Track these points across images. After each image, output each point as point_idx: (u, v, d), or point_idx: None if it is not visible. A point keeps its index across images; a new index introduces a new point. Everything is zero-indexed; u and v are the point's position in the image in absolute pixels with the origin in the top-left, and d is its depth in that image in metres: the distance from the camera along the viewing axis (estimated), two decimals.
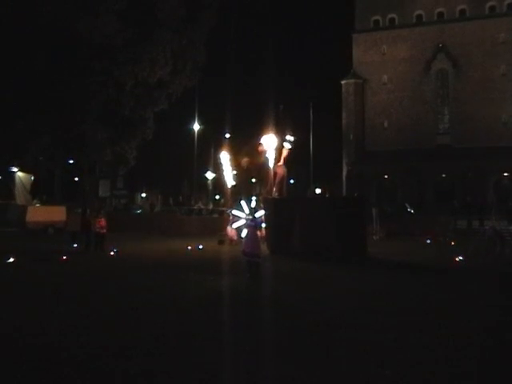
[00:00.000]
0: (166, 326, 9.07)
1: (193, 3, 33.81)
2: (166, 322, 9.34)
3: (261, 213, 15.92)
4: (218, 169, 33.09)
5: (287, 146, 23.43)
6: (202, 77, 36.27)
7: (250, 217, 15.10)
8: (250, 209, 15.24)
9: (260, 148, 23.29)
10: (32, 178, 44.52)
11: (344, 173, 60.05)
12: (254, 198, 16.57)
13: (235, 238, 23.67)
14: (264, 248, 19.07)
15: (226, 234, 24.89)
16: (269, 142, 22.41)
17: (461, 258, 18.55)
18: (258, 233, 14.94)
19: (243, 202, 15.44)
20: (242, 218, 15.37)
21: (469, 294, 12.34)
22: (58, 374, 6.59)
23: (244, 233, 15.20)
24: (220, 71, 40.41)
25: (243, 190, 37.77)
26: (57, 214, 33.42)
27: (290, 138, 23.83)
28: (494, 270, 16.69)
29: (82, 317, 9.64)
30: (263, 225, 16.13)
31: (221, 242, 25.48)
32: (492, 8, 56.44)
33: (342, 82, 60.72)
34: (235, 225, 16.45)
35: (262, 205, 20.86)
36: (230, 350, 7.65)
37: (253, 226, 14.90)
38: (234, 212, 16.09)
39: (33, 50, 28.51)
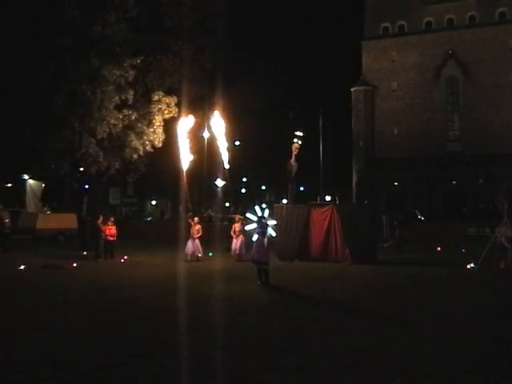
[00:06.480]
0: (177, 333, 9.04)
1: (202, 11, 33.98)
2: (177, 329, 9.31)
3: (272, 222, 15.88)
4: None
5: (297, 141, 23.45)
6: (212, 83, 36.32)
7: (260, 221, 15.05)
8: (261, 216, 15.15)
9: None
10: (43, 185, 44.75)
11: (354, 180, 59.90)
12: (264, 206, 16.45)
13: (200, 253, 21.54)
14: (273, 255, 19.07)
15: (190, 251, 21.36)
16: (216, 123, 20.55)
17: (472, 265, 18.42)
18: (266, 240, 14.93)
19: (257, 207, 15.38)
20: (254, 221, 15.29)
21: (479, 301, 12.23)
22: (64, 381, 6.59)
23: (254, 237, 15.16)
24: (229, 78, 40.44)
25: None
26: (67, 221, 33.59)
27: (299, 133, 23.82)
28: (507, 277, 16.57)
29: (90, 324, 9.64)
30: (273, 234, 16.07)
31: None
32: (502, 14, 56.26)
33: (352, 90, 60.65)
34: (248, 227, 16.38)
35: (273, 213, 20.72)
36: (239, 356, 7.61)
37: (261, 233, 14.88)
38: (248, 215, 16.02)
39: (42, 58, 28.73)
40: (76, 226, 33.02)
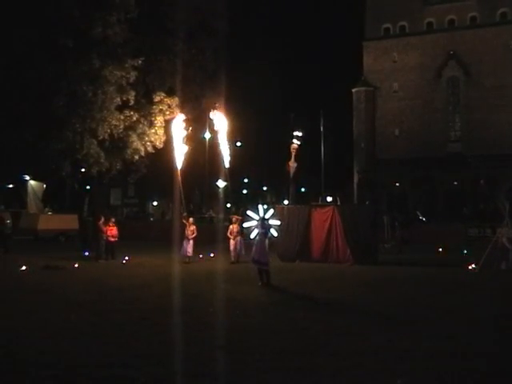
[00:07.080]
0: (178, 333, 9.04)
1: (203, 12, 33.96)
2: (177, 329, 9.31)
3: (275, 222, 15.88)
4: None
5: (296, 142, 23.53)
6: (213, 84, 36.29)
7: (261, 221, 15.04)
8: (263, 217, 15.13)
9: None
10: (44, 186, 44.80)
11: (355, 181, 59.92)
12: (266, 207, 16.38)
13: (190, 254, 21.19)
14: (275, 256, 19.08)
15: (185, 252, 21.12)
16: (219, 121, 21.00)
17: (474, 266, 18.40)
18: (267, 241, 14.93)
19: (260, 206, 15.42)
20: (254, 219, 15.30)
21: (479, 302, 12.23)
22: (64, 381, 6.60)
23: (253, 235, 15.18)
24: (230, 79, 40.50)
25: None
26: (68, 222, 33.61)
27: (297, 133, 23.88)
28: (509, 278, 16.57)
29: (91, 324, 9.65)
30: (275, 234, 16.06)
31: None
32: (503, 15, 56.25)
33: (353, 90, 60.65)
34: (246, 224, 16.41)
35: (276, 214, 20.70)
36: (239, 357, 7.61)
37: (263, 233, 14.86)
38: (249, 212, 16.02)
39: (42, 59, 28.74)
40: (77, 227, 33.03)
